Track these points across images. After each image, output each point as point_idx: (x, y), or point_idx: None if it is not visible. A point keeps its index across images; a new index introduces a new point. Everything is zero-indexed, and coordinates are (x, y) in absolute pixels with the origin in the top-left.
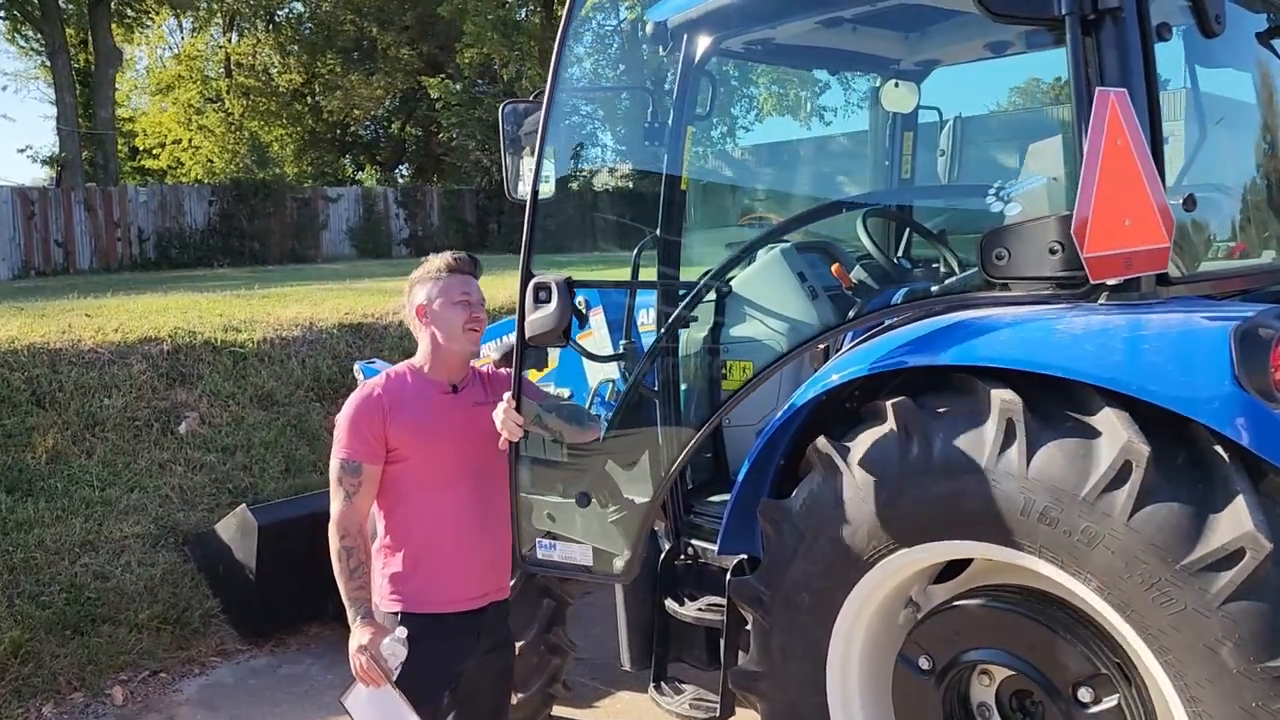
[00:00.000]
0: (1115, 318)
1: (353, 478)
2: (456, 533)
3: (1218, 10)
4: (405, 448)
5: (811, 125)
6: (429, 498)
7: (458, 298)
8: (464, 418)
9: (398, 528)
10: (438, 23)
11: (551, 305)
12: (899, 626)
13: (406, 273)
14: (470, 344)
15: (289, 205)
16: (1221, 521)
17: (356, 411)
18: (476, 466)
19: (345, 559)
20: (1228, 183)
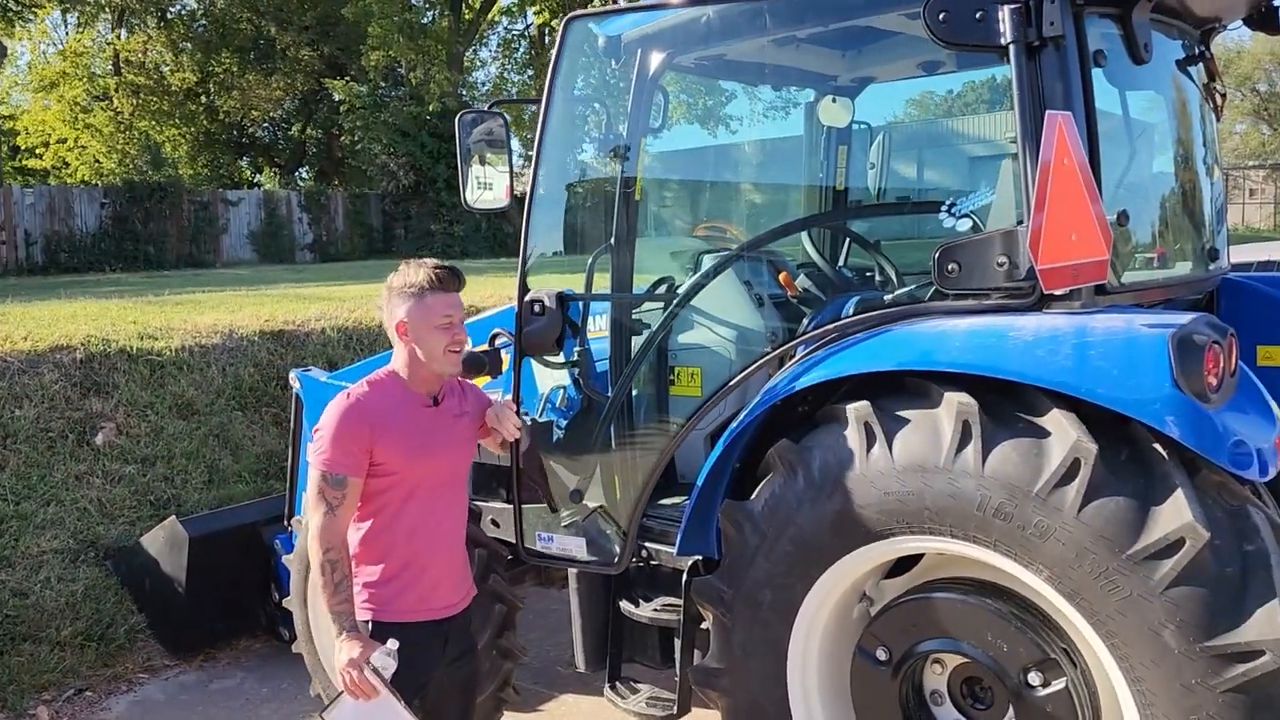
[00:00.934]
0: (1061, 325)
1: (336, 490)
2: (431, 543)
3: (1146, 40)
4: (390, 462)
5: (757, 138)
6: (407, 509)
7: (440, 320)
8: (446, 431)
9: (373, 538)
10: (340, 24)
11: (546, 317)
12: (854, 621)
13: (313, 278)
14: (451, 366)
15: (186, 208)
16: (1163, 513)
17: (342, 423)
18: (453, 478)
19: (329, 572)
20: (1152, 199)
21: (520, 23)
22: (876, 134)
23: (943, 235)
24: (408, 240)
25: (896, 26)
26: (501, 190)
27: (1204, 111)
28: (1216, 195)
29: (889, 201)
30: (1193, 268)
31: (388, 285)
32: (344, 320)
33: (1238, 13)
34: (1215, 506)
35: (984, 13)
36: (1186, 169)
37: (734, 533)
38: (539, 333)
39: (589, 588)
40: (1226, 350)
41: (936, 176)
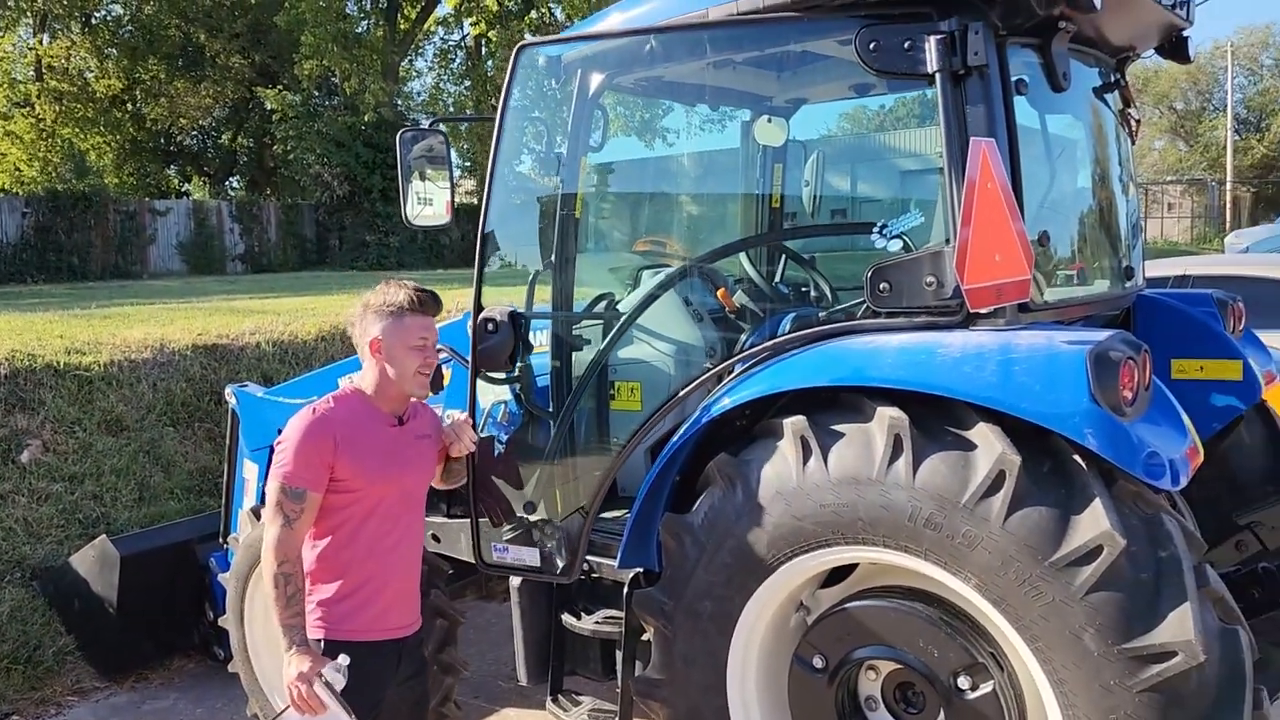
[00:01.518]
0: (986, 342)
1: (295, 504)
2: (389, 563)
3: (1065, 68)
4: (352, 480)
5: (695, 157)
6: (366, 528)
7: (415, 342)
8: (409, 451)
9: (330, 555)
10: (272, 31)
11: (499, 334)
12: (791, 630)
13: (246, 291)
14: (420, 388)
15: (112, 218)
16: (1082, 522)
17: (307, 436)
18: (413, 499)
19: (283, 585)
20: (1071, 221)
21: (456, 33)
22: (810, 152)
23: (874, 251)
24: (342, 251)
25: (829, 51)
26: (442, 206)
27: (1120, 135)
28: (1132, 216)
29: (823, 218)
30: (1110, 286)
31: (364, 303)
32: (279, 334)
33: (1150, 42)
34: (1131, 515)
35: (911, 42)
36: (1104, 191)
37: (674, 545)
38: (492, 350)
39: (531, 601)
40: (1141, 366)
41: (869, 193)
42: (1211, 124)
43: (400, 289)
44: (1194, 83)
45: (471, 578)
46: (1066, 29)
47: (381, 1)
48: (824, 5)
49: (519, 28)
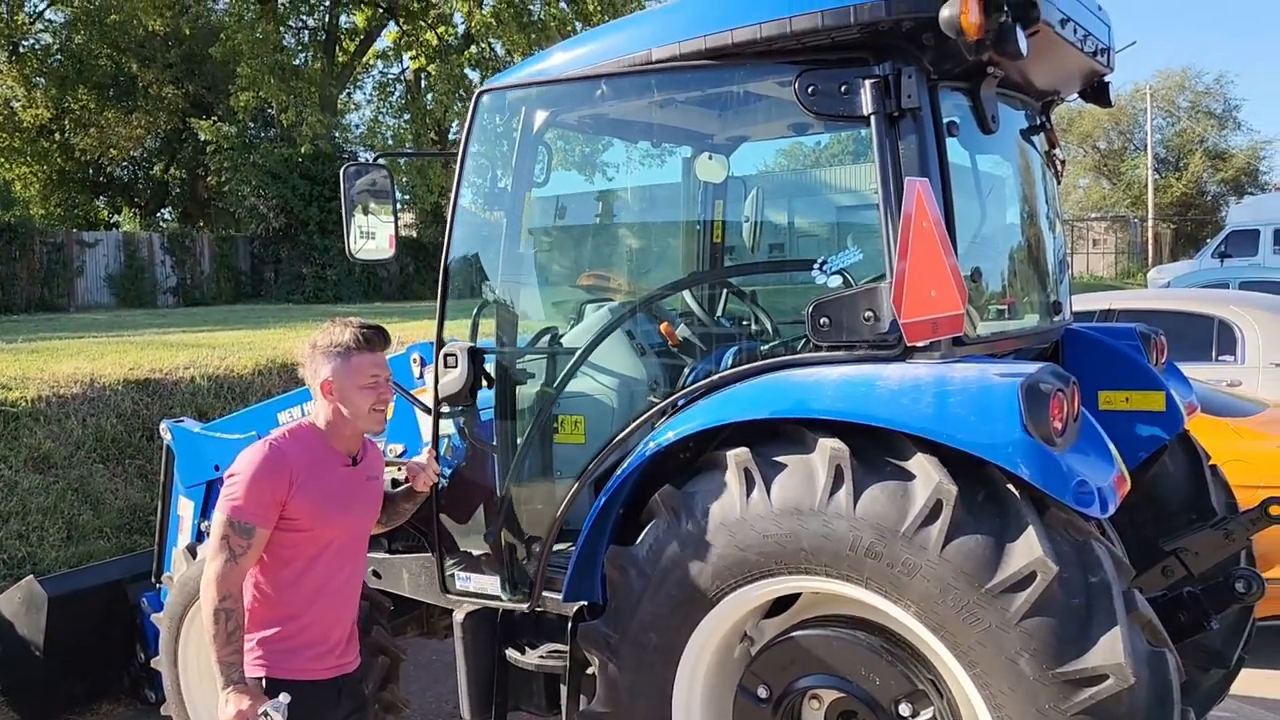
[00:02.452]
0: (923, 375)
1: (243, 539)
2: (333, 603)
3: (994, 111)
4: (304, 519)
5: (638, 192)
6: (314, 568)
7: (366, 381)
8: (361, 492)
9: (275, 593)
10: (206, 62)
11: (459, 369)
12: (736, 660)
13: (177, 323)
14: (377, 424)
15: (38, 250)
16: (1016, 549)
17: (262, 472)
18: (360, 540)
19: (223, 621)
20: (1001, 257)
21: (396, 67)
22: (750, 188)
23: (812, 285)
24: (278, 284)
25: (768, 92)
26: (385, 240)
27: (1046, 175)
28: (1059, 252)
29: (763, 253)
30: (1039, 320)
31: (312, 344)
32: (214, 368)
33: (1073, 87)
34: (1063, 542)
35: (848, 86)
36: (1032, 229)
37: (619, 577)
38: (452, 384)
39: (474, 636)
40: (1070, 397)
41: (807, 228)
42: (1133, 163)
43: (346, 328)
44: (1115, 123)
45: (413, 613)
46: (994, 74)
47: (320, 34)
48: (765, 52)
49: (459, 62)
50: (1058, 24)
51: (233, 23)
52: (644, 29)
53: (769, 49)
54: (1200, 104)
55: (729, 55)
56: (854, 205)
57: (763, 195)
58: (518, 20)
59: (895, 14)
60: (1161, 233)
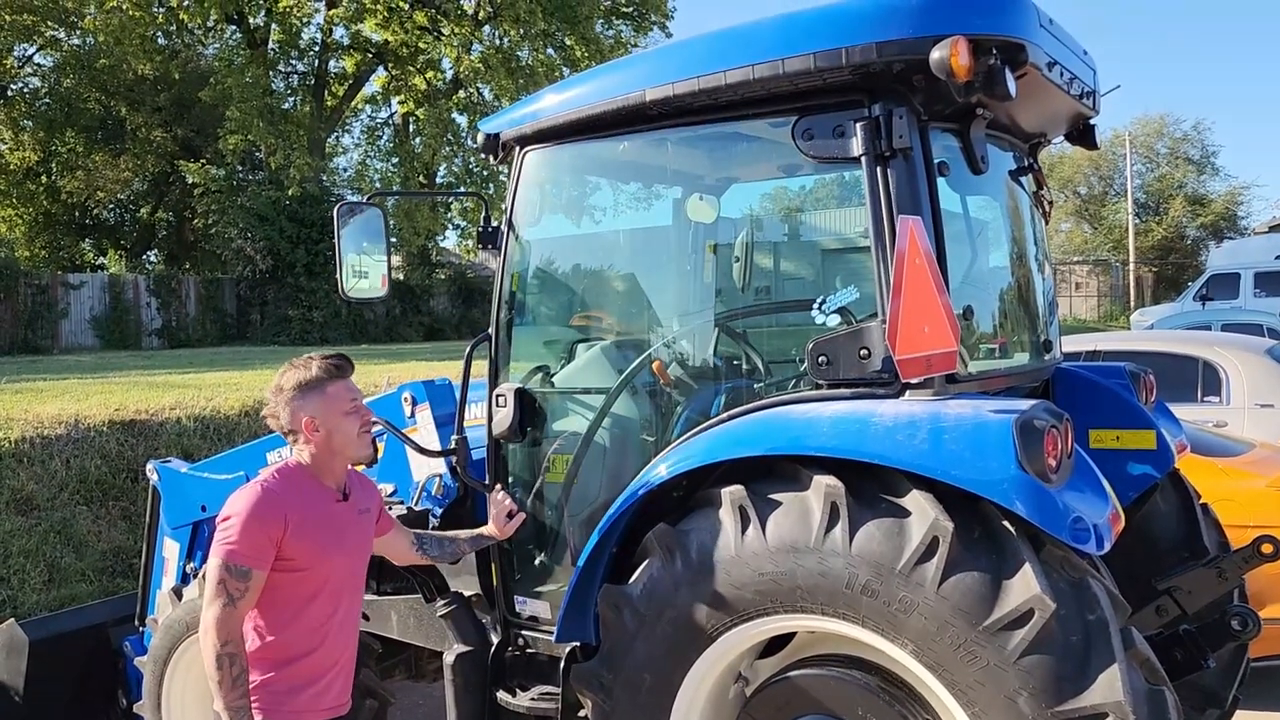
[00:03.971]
0: (917, 411)
1: (240, 582)
2: (331, 643)
3: (983, 152)
4: (301, 559)
5: (631, 232)
6: (311, 607)
7: (348, 407)
8: (354, 527)
9: (273, 634)
10: (195, 105)
11: (507, 408)
12: (730, 701)
13: (162, 365)
14: (367, 449)
15: (22, 291)
16: (1014, 587)
17: (256, 513)
18: (355, 576)
19: (228, 666)
20: (992, 296)
21: (384, 111)
22: (741, 229)
23: (803, 326)
24: (264, 326)
25: (759, 133)
26: (378, 279)
27: (1034, 215)
28: (1048, 291)
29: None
30: (1030, 358)
31: (277, 389)
32: (200, 409)
33: (1059, 129)
34: (1059, 579)
35: (841, 128)
36: (1021, 268)
37: (613, 617)
38: (502, 423)
39: (465, 679)
40: (1063, 434)
41: (800, 269)
42: (1114, 208)
43: (310, 363)
44: (1096, 168)
45: (401, 656)
46: (983, 115)
47: (309, 78)
48: (758, 93)
49: (447, 106)
50: (1045, 67)
51: (223, 67)
52: (638, 70)
53: (762, 90)
54: (1179, 150)
55: (721, 96)
56: (846, 247)
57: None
58: (506, 66)
59: (886, 56)
60: (1143, 276)
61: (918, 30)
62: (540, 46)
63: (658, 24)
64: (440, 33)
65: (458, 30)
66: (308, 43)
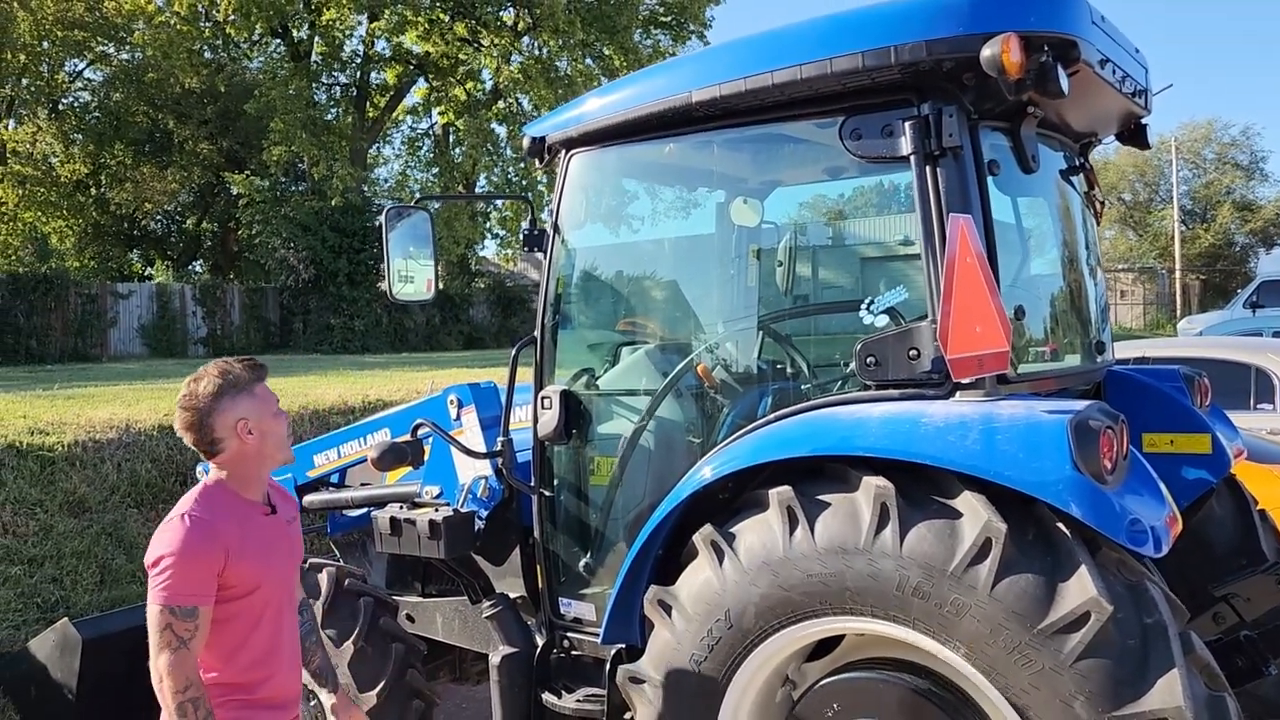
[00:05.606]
0: (969, 412)
1: (189, 623)
2: (280, 657)
3: (1034, 151)
4: (243, 583)
5: (675, 235)
6: (257, 629)
7: (275, 408)
8: (284, 539)
9: (224, 664)
10: (240, 118)
11: (553, 410)
12: (777, 705)
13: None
14: (289, 452)
15: (73, 301)
16: (1069, 589)
17: (195, 549)
18: (293, 588)
19: (193, 711)
20: (1044, 296)
21: (425, 121)
22: (784, 233)
23: (850, 329)
24: (306, 335)
25: (806, 135)
26: (423, 283)
27: (1086, 216)
28: (1100, 293)
29: (798, 296)
30: (1082, 360)
31: (192, 397)
32: None
33: (1110, 129)
34: (1116, 581)
35: (890, 128)
36: (1073, 268)
37: (659, 618)
38: (547, 425)
39: (510, 680)
40: (1119, 435)
41: (844, 273)
42: (1159, 214)
43: (230, 366)
44: (1141, 175)
45: (446, 658)
46: (1034, 114)
47: (351, 90)
48: (811, 98)
49: (487, 116)
50: (1097, 64)
51: (267, 79)
52: (684, 72)
53: (809, 91)
54: (1227, 155)
55: (768, 97)
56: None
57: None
58: (545, 76)
59: (936, 54)
60: (1190, 284)
61: (969, 28)
62: (579, 56)
63: (696, 33)
64: (480, 44)
65: (497, 41)
66: (350, 55)
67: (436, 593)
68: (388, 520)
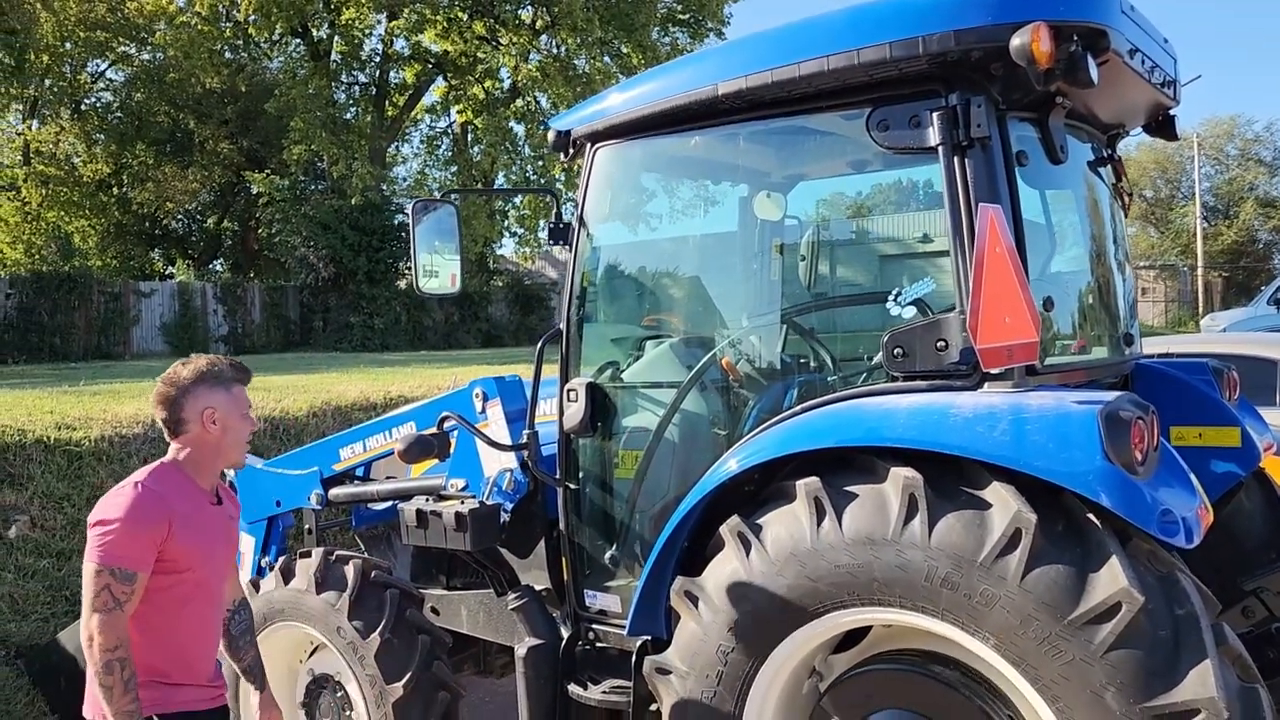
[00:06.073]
0: (998, 402)
1: (126, 586)
2: (205, 637)
3: (1062, 142)
4: (181, 559)
5: (703, 231)
6: (188, 606)
7: (246, 410)
8: (224, 531)
9: (153, 635)
10: (260, 118)
11: (579, 403)
12: (804, 697)
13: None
14: (243, 456)
15: (96, 299)
16: (1100, 580)
17: (141, 515)
18: (224, 577)
19: (118, 671)
20: (1072, 287)
21: (443, 120)
22: (807, 227)
23: (873, 326)
24: (326, 333)
25: (831, 127)
26: (447, 278)
27: (1114, 207)
28: (1128, 284)
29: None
30: (1110, 352)
31: (176, 377)
32: (270, 410)
33: (1138, 120)
34: (1147, 572)
35: (918, 118)
36: (1102, 260)
37: (687, 609)
38: (573, 417)
39: (536, 672)
40: (1150, 426)
41: (867, 267)
42: (1181, 211)
43: (219, 361)
44: (1163, 171)
45: (470, 651)
46: (1063, 104)
47: (370, 89)
48: (837, 89)
49: (505, 115)
50: (1126, 54)
51: (287, 79)
52: (710, 64)
53: (836, 82)
54: (1250, 151)
55: (794, 89)
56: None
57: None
58: (563, 74)
59: (965, 44)
60: (1212, 281)
61: (997, 17)
62: (597, 54)
63: (714, 30)
64: (498, 42)
65: (515, 39)
66: (369, 54)
67: (461, 586)
68: (414, 512)
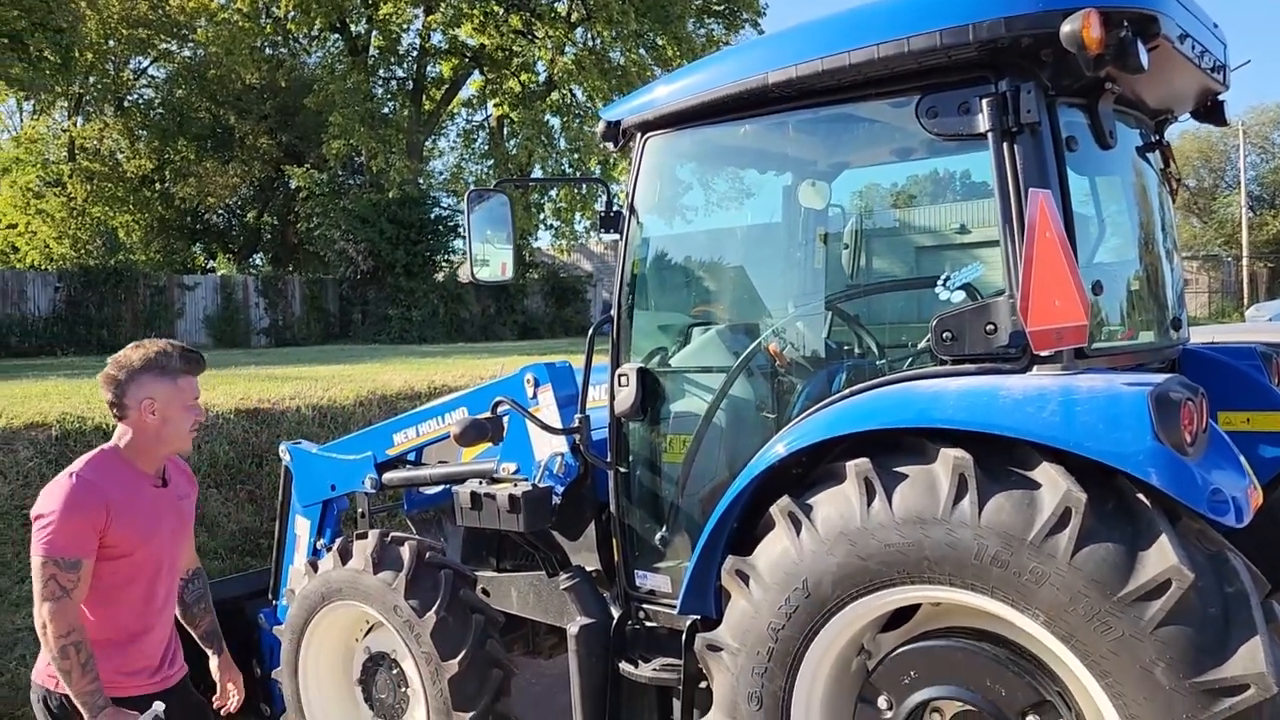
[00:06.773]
0: (1047, 384)
1: (71, 574)
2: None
3: (1111, 127)
4: (122, 544)
5: (750, 219)
6: (134, 589)
7: (190, 401)
8: (172, 513)
9: (103, 619)
10: (299, 113)
11: (630, 387)
12: (853, 674)
13: (273, 361)
14: (189, 445)
15: (142, 292)
16: (1150, 557)
17: (77, 505)
18: (175, 560)
19: (74, 655)
20: (1121, 272)
21: (480, 114)
22: (850, 216)
23: (918, 310)
24: (365, 325)
25: (878, 115)
26: (498, 266)
27: (1163, 193)
28: (1176, 270)
29: (867, 277)
30: (1158, 336)
31: (123, 363)
32: (318, 399)
33: (1187, 105)
34: (1197, 550)
35: (967, 105)
36: (1150, 245)
37: (738, 588)
38: (624, 401)
39: (588, 650)
40: (1199, 407)
41: (911, 254)
42: (1225, 200)
43: (169, 349)
44: (1206, 160)
45: (519, 632)
46: (1112, 89)
47: (407, 83)
48: (887, 77)
49: (541, 108)
50: (1176, 39)
51: (325, 74)
52: (760, 53)
53: (885, 70)
54: None
55: (844, 77)
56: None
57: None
58: (599, 66)
59: (1015, 31)
60: (1257, 272)
61: (1048, 4)
62: (632, 47)
63: (749, 21)
64: (534, 35)
65: (551, 33)
66: (406, 48)
67: (510, 568)
68: (469, 495)
